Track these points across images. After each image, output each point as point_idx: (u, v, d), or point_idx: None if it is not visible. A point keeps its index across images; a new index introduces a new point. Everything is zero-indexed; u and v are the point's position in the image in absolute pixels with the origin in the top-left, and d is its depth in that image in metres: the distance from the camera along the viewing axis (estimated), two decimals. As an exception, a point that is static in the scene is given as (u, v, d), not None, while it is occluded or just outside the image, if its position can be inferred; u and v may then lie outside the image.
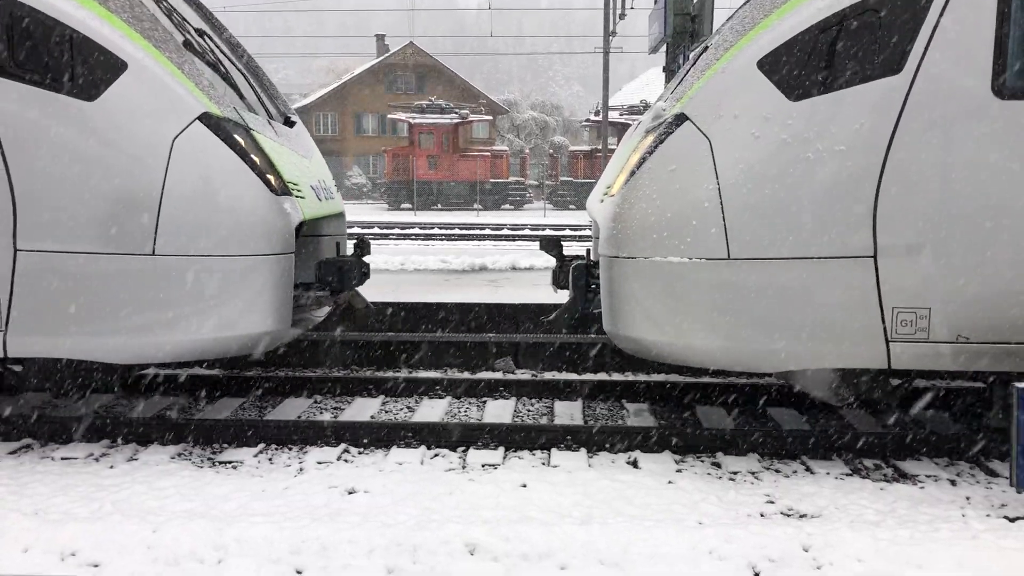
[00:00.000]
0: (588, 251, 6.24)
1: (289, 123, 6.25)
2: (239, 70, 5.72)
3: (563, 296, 6.82)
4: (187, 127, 4.72)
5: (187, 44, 5.21)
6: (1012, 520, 4.14)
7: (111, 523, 3.85)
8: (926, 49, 4.38)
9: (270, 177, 4.94)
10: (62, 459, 5.08)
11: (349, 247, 8.01)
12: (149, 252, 4.68)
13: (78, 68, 4.63)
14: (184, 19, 5.65)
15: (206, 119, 4.76)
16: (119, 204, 4.65)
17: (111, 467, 4.89)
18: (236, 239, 4.78)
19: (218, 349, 4.94)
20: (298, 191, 5.31)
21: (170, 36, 4.92)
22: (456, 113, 39.63)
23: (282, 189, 5.03)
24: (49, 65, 4.62)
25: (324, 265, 5.71)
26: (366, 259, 6.11)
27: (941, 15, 4.36)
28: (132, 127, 4.67)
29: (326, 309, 6.15)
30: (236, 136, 4.84)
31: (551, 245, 6.20)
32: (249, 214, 4.81)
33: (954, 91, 4.38)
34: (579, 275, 5.76)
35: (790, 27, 4.53)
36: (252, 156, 4.88)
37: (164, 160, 4.68)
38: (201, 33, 5.80)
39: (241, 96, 5.49)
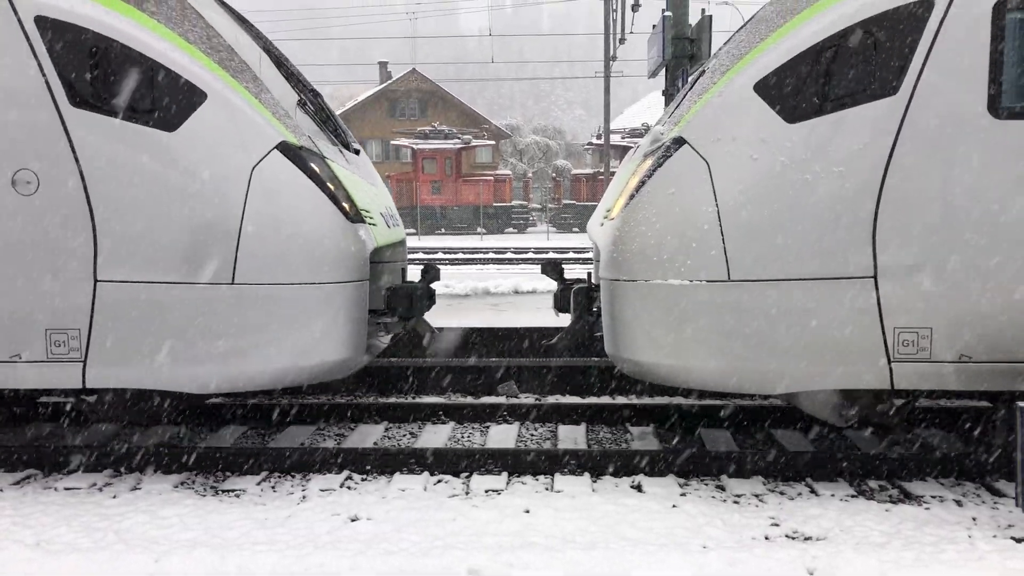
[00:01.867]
0: (589, 274, 6.25)
1: (354, 151, 6.31)
2: (306, 98, 5.78)
3: (565, 320, 6.83)
4: (265, 156, 4.77)
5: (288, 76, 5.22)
6: (1019, 541, 4.11)
7: (113, 553, 3.84)
8: (922, 70, 4.41)
9: (345, 205, 4.98)
10: (65, 489, 5.08)
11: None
12: (228, 281, 4.72)
13: (159, 99, 4.69)
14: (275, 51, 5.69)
15: (284, 148, 4.81)
16: (199, 233, 4.69)
17: (114, 497, 4.88)
18: (314, 267, 4.81)
19: (294, 378, 4.96)
20: (370, 218, 5.36)
21: (246, 66, 4.99)
22: (459, 138, 39.80)
23: (356, 216, 5.07)
24: (130, 97, 4.68)
25: (393, 291, 5.71)
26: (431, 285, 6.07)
27: (936, 36, 4.40)
28: (212, 157, 4.72)
29: (390, 335, 6.13)
30: (313, 164, 4.89)
31: (552, 269, 6.21)
32: (327, 242, 4.85)
33: (950, 111, 4.41)
34: (580, 298, 5.77)
35: (786, 50, 4.57)
36: (328, 184, 4.92)
37: (243, 189, 4.72)
38: (279, 62, 5.86)
39: (317, 124, 5.54)
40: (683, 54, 12.79)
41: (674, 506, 4.62)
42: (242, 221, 4.71)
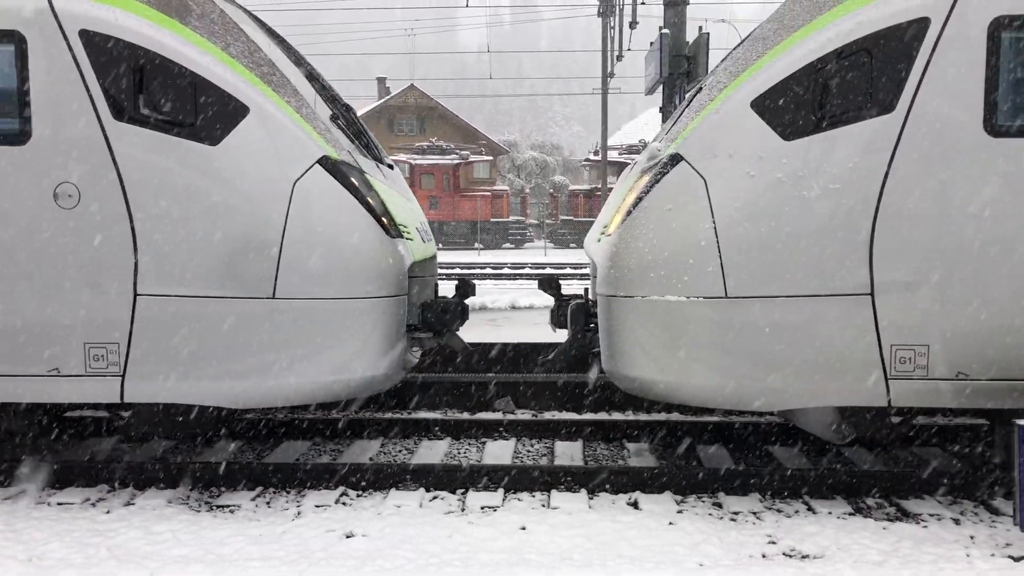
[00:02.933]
0: (586, 290, 6.24)
1: (388, 165, 6.28)
2: (339, 112, 5.79)
3: (562, 335, 6.81)
4: (307, 171, 4.76)
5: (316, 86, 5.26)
6: (1017, 560, 4.09)
7: (106, 569, 3.83)
8: (918, 88, 4.43)
9: (385, 220, 4.98)
10: (58, 504, 5.04)
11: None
12: (269, 295, 4.71)
13: (202, 113, 4.68)
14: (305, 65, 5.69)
15: (325, 162, 4.80)
16: (240, 247, 4.68)
17: (107, 512, 4.85)
18: (355, 281, 4.80)
19: (332, 392, 4.94)
20: (407, 233, 5.35)
21: (287, 81, 4.98)
22: (457, 154, 39.92)
23: (395, 231, 5.07)
24: (173, 110, 4.68)
25: (428, 307, 5.69)
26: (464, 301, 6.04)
27: (932, 55, 4.42)
28: (254, 171, 4.71)
29: (422, 350, 6.11)
30: (353, 179, 4.88)
31: (549, 284, 6.20)
32: (367, 257, 4.84)
33: (946, 129, 4.42)
34: (577, 314, 5.76)
35: (783, 68, 4.59)
36: (368, 199, 4.91)
37: (285, 204, 4.71)
38: (311, 76, 5.86)
39: (351, 139, 5.52)
40: (680, 71, 12.85)
41: (671, 523, 4.60)
42: (283, 235, 4.70)
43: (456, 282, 5.96)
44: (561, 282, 6.35)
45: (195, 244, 4.67)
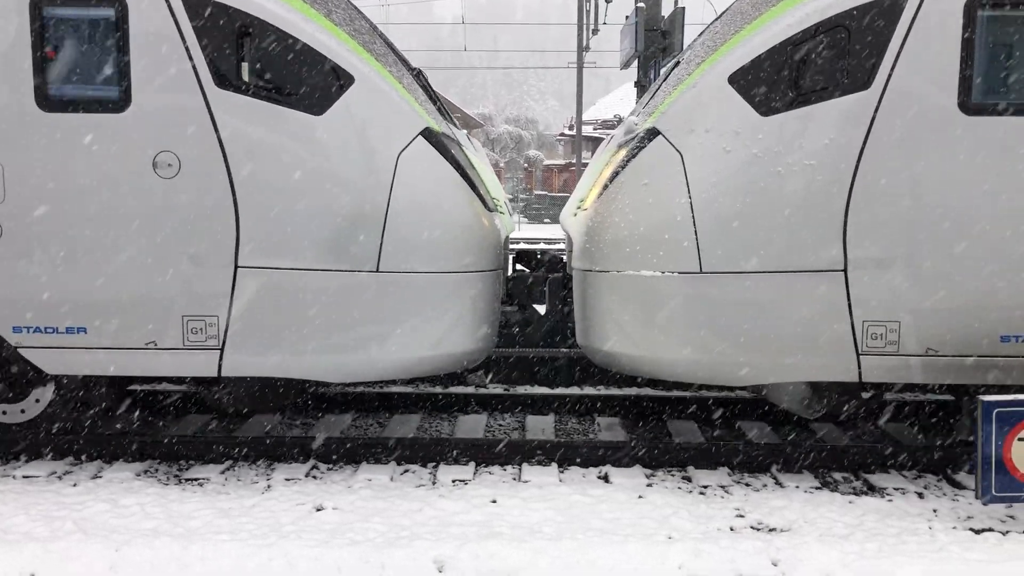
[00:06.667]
0: (563, 264, 6.23)
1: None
2: (425, 84, 5.69)
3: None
4: (411, 142, 4.65)
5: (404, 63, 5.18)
6: (978, 532, 4.17)
7: (72, 543, 3.78)
8: (894, 66, 4.44)
9: (483, 193, 4.90)
10: (23, 477, 4.97)
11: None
12: (373, 268, 4.61)
13: (307, 82, 4.55)
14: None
15: (427, 134, 4.70)
16: (344, 220, 4.58)
17: (74, 485, 4.79)
18: (457, 255, 4.73)
19: (429, 367, 4.88)
20: (499, 206, 5.28)
21: (388, 50, 4.83)
22: (430, 127, 39.64)
23: (493, 204, 4.99)
24: (277, 78, 4.54)
25: (515, 281, 5.61)
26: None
27: (908, 32, 4.43)
28: (359, 142, 4.61)
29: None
30: (453, 152, 4.80)
31: (524, 259, 6.18)
32: (469, 230, 4.78)
33: (922, 107, 4.44)
34: (553, 289, 5.75)
35: (760, 43, 4.57)
36: (467, 171, 4.83)
37: (390, 176, 4.60)
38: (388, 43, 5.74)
39: (440, 111, 5.40)
40: (656, 46, 12.81)
41: (641, 497, 4.62)
42: (388, 208, 4.60)
43: (538, 256, 5.89)
44: (539, 256, 6.32)
45: (298, 216, 4.56)
